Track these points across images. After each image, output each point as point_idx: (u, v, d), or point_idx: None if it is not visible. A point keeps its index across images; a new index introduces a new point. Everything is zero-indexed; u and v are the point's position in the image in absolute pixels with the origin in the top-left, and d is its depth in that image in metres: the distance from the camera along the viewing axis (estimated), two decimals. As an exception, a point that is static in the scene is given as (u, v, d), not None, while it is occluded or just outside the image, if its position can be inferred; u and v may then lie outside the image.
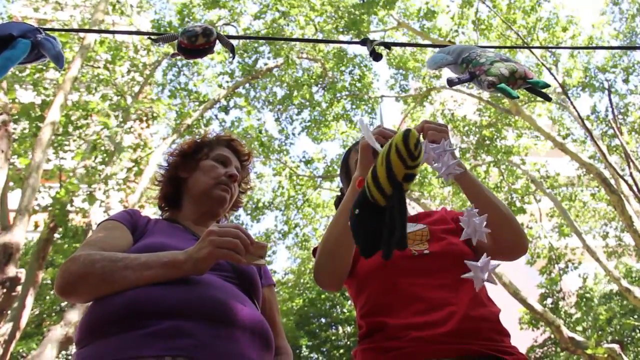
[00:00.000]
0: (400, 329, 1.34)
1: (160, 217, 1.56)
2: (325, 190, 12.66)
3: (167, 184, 1.56)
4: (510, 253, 1.46)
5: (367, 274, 1.48)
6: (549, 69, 9.29)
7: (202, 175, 1.50)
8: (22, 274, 5.27)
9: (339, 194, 1.88)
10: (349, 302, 12.02)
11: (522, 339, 11.49)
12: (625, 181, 8.64)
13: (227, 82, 10.67)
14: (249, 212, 11.63)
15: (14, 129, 7.47)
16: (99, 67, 8.78)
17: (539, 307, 9.20)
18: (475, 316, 1.36)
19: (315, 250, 1.51)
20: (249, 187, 1.69)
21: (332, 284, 1.48)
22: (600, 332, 11.07)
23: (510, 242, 1.43)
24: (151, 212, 9.15)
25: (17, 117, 7.44)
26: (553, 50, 10.24)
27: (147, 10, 10.89)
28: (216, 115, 10.74)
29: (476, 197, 1.40)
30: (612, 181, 8.86)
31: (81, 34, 7.99)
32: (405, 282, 1.42)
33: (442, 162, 1.07)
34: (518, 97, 1.18)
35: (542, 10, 10.39)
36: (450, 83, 1.22)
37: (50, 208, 7.02)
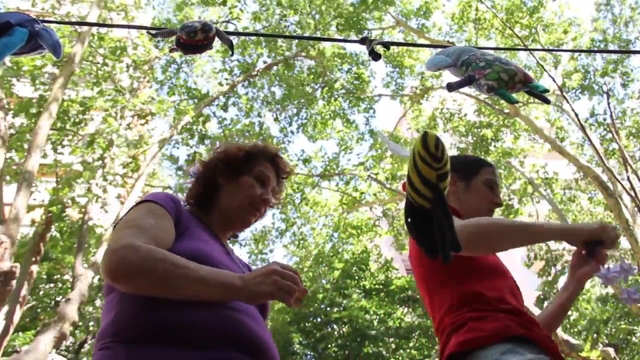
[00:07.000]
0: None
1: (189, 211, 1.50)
2: (324, 190, 12.66)
3: (201, 184, 1.51)
4: None
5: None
6: (548, 72, 9.27)
7: (239, 191, 1.48)
8: (16, 268, 5.25)
9: None
10: (345, 301, 12.00)
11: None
12: (622, 185, 8.63)
13: (226, 79, 10.65)
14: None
15: (12, 124, 7.45)
16: (97, 63, 8.74)
17: (533, 310, 9.19)
18: None
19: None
20: (278, 202, 1.66)
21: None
22: (595, 335, 11.07)
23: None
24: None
25: (15, 112, 7.42)
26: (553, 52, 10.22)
27: (144, 10, 10.84)
28: (214, 113, 10.73)
29: (566, 308, 1.62)
30: (610, 185, 8.84)
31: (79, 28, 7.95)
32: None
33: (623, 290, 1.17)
34: (517, 102, 1.18)
35: (544, 11, 10.36)
36: (450, 88, 1.22)
37: (46, 203, 7.00)
